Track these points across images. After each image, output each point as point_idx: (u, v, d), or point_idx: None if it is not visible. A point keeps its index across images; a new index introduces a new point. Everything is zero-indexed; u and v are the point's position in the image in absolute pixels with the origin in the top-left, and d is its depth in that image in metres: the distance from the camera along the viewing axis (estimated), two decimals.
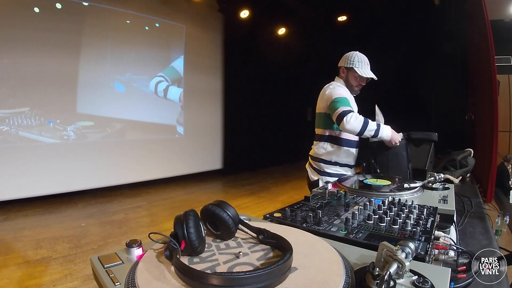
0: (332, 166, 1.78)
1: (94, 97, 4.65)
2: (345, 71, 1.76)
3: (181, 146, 5.83)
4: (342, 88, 1.75)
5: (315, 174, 1.83)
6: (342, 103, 1.60)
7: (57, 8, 4.20)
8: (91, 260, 0.62)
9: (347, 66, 1.74)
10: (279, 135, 7.53)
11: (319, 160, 1.81)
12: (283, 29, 6.72)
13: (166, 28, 5.45)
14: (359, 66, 1.71)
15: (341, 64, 1.78)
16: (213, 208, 0.65)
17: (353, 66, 1.71)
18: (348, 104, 1.61)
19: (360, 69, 1.71)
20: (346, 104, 1.60)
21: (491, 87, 2.62)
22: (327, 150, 1.78)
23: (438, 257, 0.71)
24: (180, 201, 4.72)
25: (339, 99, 1.62)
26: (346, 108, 1.57)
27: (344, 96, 1.64)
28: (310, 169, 1.87)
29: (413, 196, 1.12)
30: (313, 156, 1.85)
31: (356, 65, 1.71)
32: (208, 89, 6.25)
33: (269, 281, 0.48)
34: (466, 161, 2.10)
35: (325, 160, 1.78)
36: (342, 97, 1.63)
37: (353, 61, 1.72)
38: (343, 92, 1.68)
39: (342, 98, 1.63)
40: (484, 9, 2.67)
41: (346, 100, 1.63)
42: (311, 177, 1.85)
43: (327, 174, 1.78)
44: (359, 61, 1.71)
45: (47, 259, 2.63)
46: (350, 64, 1.72)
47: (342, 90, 1.71)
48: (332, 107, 1.62)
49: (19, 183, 4.03)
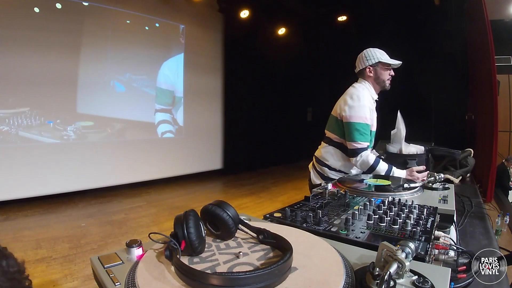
0: (337, 173, 1.70)
1: (94, 97, 4.65)
2: (372, 70, 1.63)
3: (181, 146, 5.83)
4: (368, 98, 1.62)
5: (318, 178, 1.75)
6: (361, 134, 1.54)
7: (57, 8, 4.20)
8: (91, 260, 0.62)
9: (373, 63, 1.62)
10: (279, 135, 7.53)
11: (324, 165, 1.72)
12: (283, 29, 6.72)
13: (166, 28, 5.45)
14: (383, 58, 1.61)
15: (363, 65, 1.65)
16: (213, 208, 0.65)
17: (379, 60, 1.61)
18: (367, 134, 1.56)
19: (386, 58, 1.61)
20: (366, 135, 1.55)
21: (491, 87, 2.62)
22: (335, 158, 1.69)
23: (438, 257, 0.71)
24: (180, 201, 4.72)
25: (362, 129, 1.54)
26: (363, 144, 1.54)
27: (367, 122, 1.57)
28: (314, 172, 1.80)
29: (413, 196, 1.12)
30: (318, 159, 1.76)
31: (380, 57, 1.61)
32: (208, 89, 6.25)
33: (269, 281, 0.48)
34: (466, 161, 2.10)
35: (331, 166, 1.70)
36: (365, 124, 1.56)
37: (375, 56, 1.62)
38: (366, 113, 1.57)
39: (365, 126, 1.55)
40: (484, 9, 2.67)
41: (367, 127, 1.56)
42: (314, 180, 1.78)
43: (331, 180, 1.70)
44: (380, 53, 1.62)
45: (47, 259, 2.63)
46: (375, 60, 1.61)
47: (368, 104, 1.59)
48: (352, 134, 1.56)
49: (19, 183, 4.03)
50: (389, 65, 1.62)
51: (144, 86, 5.26)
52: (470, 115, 4.00)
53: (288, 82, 7.44)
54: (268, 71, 6.86)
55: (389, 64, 1.61)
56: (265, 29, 6.51)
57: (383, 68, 1.62)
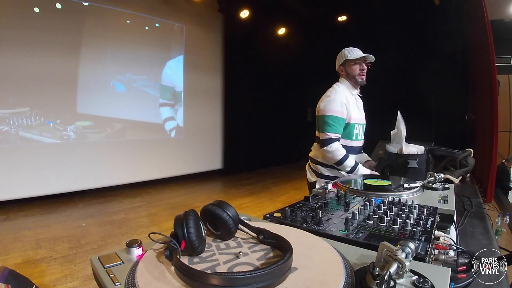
0: (330, 169, 1.78)
1: (94, 97, 4.65)
2: (342, 69, 1.78)
3: (181, 146, 5.83)
4: (340, 94, 1.72)
5: (313, 175, 1.84)
6: (330, 126, 1.66)
7: (57, 8, 4.20)
8: (91, 260, 0.62)
9: (341, 62, 1.76)
10: (279, 135, 7.54)
11: (317, 163, 1.82)
12: (283, 29, 6.72)
13: (166, 28, 5.45)
14: (350, 54, 1.73)
15: (337, 66, 1.81)
16: (213, 208, 0.65)
17: (345, 58, 1.74)
18: (337, 126, 1.67)
19: (351, 55, 1.72)
20: (335, 127, 1.66)
21: (491, 87, 2.62)
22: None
23: (438, 257, 0.71)
24: (180, 201, 4.72)
25: (331, 121, 1.66)
26: (332, 136, 1.66)
27: (337, 115, 1.67)
28: (309, 170, 1.89)
29: (413, 196, 1.12)
30: (311, 158, 1.87)
31: (347, 55, 1.73)
32: (208, 89, 6.25)
33: (269, 281, 0.48)
34: (466, 161, 2.09)
35: (323, 163, 1.79)
36: (335, 116, 1.67)
37: (343, 55, 1.75)
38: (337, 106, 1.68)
39: (334, 118, 1.67)
40: (484, 9, 2.67)
41: (337, 119, 1.67)
42: (309, 178, 1.88)
43: (325, 176, 1.78)
44: (349, 51, 1.74)
45: (47, 259, 2.63)
46: (342, 59, 1.75)
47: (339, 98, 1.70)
48: (321, 126, 1.69)
49: (19, 183, 4.03)
50: (354, 61, 1.71)
51: (144, 86, 5.26)
52: (470, 115, 4.00)
53: (288, 82, 7.45)
54: (268, 71, 6.86)
55: (354, 60, 1.71)
56: (265, 29, 6.51)
57: (351, 64, 1.73)
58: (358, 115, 1.79)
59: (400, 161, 1.53)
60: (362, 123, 1.84)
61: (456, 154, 1.73)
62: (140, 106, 5.20)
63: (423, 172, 1.49)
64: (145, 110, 5.27)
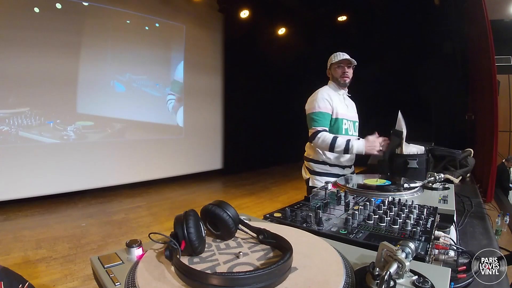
0: (321, 165, 1.83)
1: (94, 97, 4.65)
2: (329, 72, 1.90)
3: (181, 146, 5.83)
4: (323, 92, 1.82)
5: (307, 172, 1.90)
6: (316, 121, 1.75)
7: (57, 8, 4.20)
8: (91, 260, 0.62)
9: (328, 67, 1.89)
10: (279, 135, 7.53)
11: (309, 160, 1.88)
12: (283, 29, 6.72)
13: (166, 28, 5.45)
14: (334, 58, 1.83)
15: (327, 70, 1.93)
16: (213, 208, 0.65)
17: (330, 62, 1.85)
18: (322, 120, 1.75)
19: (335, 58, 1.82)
20: (321, 121, 1.75)
21: (491, 87, 2.62)
22: (315, 151, 1.85)
23: (438, 257, 0.71)
24: (180, 201, 4.72)
25: (316, 116, 1.76)
26: (318, 128, 1.73)
27: (320, 110, 1.75)
28: (304, 168, 1.96)
29: (413, 196, 1.12)
30: (305, 156, 1.94)
31: (332, 59, 1.84)
32: (208, 89, 6.25)
33: (269, 281, 0.48)
34: (466, 161, 2.09)
35: (314, 159, 1.85)
36: (319, 112, 1.75)
37: (330, 60, 1.86)
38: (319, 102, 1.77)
39: (319, 113, 1.75)
40: (484, 9, 2.67)
41: (321, 115, 1.75)
42: (304, 175, 1.95)
43: (317, 173, 1.84)
44: (334, 56, 1.84)
45: (47, 259, 2.63)
46: (329, 64, 1.88)
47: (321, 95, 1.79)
48: (309, 123, 1.80)
49: (19, 183, 4.03)
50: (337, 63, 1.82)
51: (144, 86, 5.26)
52: (470, 115, 3.99)
53: (288, 82, 7.44)
54: (268, 71, 6.85)
55: (337, 63, 1.81)
56: (265, 29, 6.51)
57: (335, 67, 1.84)
58: (347, 112, 1.85)
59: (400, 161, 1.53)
60: (353, 120, 1.90)
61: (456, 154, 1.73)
62: (140, 106, 5.20)
63: (423, 172, 1.49)
64: (145, 110, 5.27)
